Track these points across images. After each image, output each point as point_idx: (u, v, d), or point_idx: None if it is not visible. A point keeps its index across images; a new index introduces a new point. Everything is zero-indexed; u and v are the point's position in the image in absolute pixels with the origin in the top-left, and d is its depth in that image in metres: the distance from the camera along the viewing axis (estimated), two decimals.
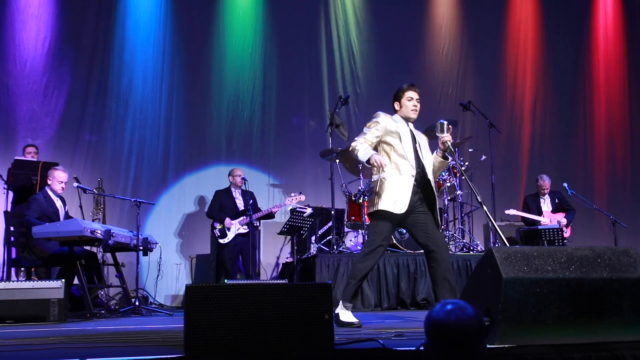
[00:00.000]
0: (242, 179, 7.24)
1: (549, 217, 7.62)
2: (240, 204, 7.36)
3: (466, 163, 7.49)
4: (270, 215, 7.35)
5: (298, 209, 7.03)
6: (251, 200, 7.25)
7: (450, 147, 4.06)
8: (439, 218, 4.13)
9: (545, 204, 7.79)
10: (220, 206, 7.34)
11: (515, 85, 9.80)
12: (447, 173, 6.96)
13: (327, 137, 7.10)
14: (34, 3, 8.09)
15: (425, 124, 7.67)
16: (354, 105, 9.04)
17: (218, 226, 7.21)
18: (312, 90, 9.02)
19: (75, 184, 6.24)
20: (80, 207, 6.70)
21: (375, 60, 9.30)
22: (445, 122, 4.10)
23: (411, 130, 4.17)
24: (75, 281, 5.60)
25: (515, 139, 9.65)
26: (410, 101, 4.17)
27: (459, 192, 7.22)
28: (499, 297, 2.64)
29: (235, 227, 7.16)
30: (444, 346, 1.69)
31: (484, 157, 7.56)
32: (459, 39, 9.67)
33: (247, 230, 7.11)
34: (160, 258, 7.63)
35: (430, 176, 4.11)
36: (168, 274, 8.04)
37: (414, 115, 4.19)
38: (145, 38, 8.50)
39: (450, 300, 1.79)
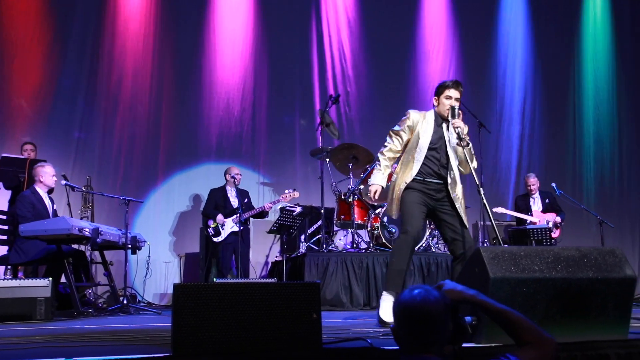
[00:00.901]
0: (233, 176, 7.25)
1: (538, 217, 7.67)
2: (235, 202, 7.35)
3: None
4: (263, 214, 7.32)
5: (288, 208, 7.03)
6: (246, 199, 7.22)
7: (461, 133, 3.90)
8: (464, 217, 4.03)
9: (535, 204, 7.85)
10: (216, 205, 7.32)
11: (504, 85, 9.85)
12: None
13: (317, 136, 7.11)
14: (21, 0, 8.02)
15: None
16: (345, 104, 9.05)
17: (212, 224, 7.19)
18: (303, 89, 9.01)
19: (63, 182, 6.21)
20: (69, 205, 6.66)
21: (366, 59, 9.32)
22: (457, 106, 4.01)
23: (442, 131, 4.08)
24: (63, 279, 5.56)
25: (505, 139, 9.70)
26: (449, 100, 4.04)
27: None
28: (486, 296, 2.65)
29: (229, 225, 7.14)
30: (410, 324, 1.83)
31: None
32: (449, 39, 9.71)
33: (241, 228, 7.10)
34: (149, 256, 7.61)
35: (455, 176, 4.05)
36: (157, 273, 8.00)
37: (447, 115, 4.05)
38: (135, 36, 8.46)
39: (418, 285, 1.92)
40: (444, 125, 4.09)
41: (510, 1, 10.03)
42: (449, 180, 4.03)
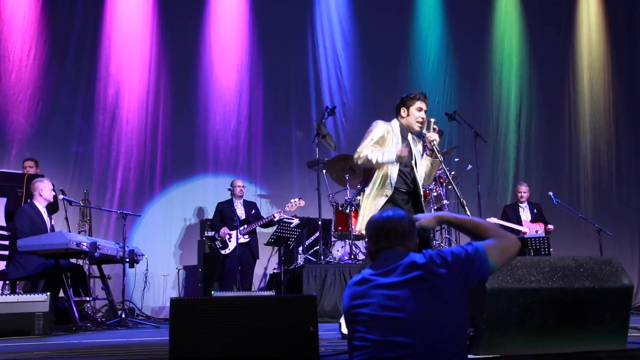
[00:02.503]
0: (230, 189, 7.24)
1: (527, 227, 7.70)
2: (241, 214, 7.34)
3: (452, 172, 7.53)
4: (272, 222, 7.29)
5: (285, 219, 7.03)
6: (253, 210, 7.21)
7: (436, 146, 3.94)
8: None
9: (525, 213, 7.88)
10: (222, 217, 7.32)
11: (500, 94, 9.89)
12: (433, 183, 6.99)
13: (314, 148, 7.12)
14: (19, 14, 8.05)
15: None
16: (341, 116, 9.08)
17: (218, 237, 7.19)
18: (299, 101, 9.04)
19: (61, 196, 6.22)
20: (66, 219, 6.66)
21: (362, 71, 9.36)
22: (433, 120, 3.99)
23: (410, 144, 4.05)
24: (61, 294, 5.55)
25: (501, 148, 9.72)
26: (420, 112, 4.02)
27: (445, 201, 7.26)
28: (483, 307, 2.66)
29: (236, 237, 7.12)
30: (378, 235, 2.06)
31: (470, 166, 7.61)
32: (444, 49, 9.76)
33: (248, 239, 7.09)
34: (147, 270, 7.60)
35: (420, 190, 4.04)
36: (155, 286, 7.98)
37: (417, 128, 4.04)
38: (132, 50, 8.49)
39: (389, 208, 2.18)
40: (410, 137, 4.07)
41: (504, 10, 10.09)
42: (415, 192, 4.02)
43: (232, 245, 7.11)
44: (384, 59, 9.43)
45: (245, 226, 7.12)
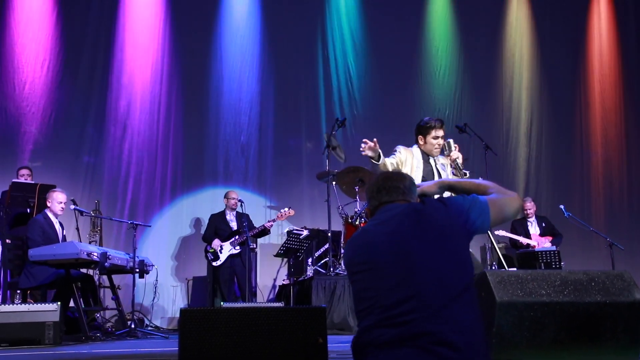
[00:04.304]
0: (238, 201, 7.24)
1: (537, 240, 7.66)
2: (234, 226, 7.37)
3: None
4: (264, 232, 7.31)
5: (295, 231, 7.04)
6: (245, 222, 7.25)
7: (460, 164, 4.12)
8: None
9: (533, 227, 7.86)
10: (215, 229, 7.35)
11: (510, 107, 9.86)
12: None
13: (324, 159, 7.13)
14: (33, 27, 8.17)
15: None
16: (351, 128, 9.08)
17: (210, 249, 7.22)
18: (309, 113, 9.07)
19: (72, 206, 6.26)
20: (77, 229, 6.69)
21: (372, 82, 9.38)
22: (452, 140, 4.19)
23: (432, 165, 4.24)
24: (71, 304, 5.57)
25: (511, 161, 9.68)
26: (436, 140, 4.23)
27: None
28: (493, 320, 2.64)
29: (227, 249, 7.15)
30: (379, 194, 2.11)
31: (480, 179, 7.58)
32: (455, 61, 9.76)
33: (239, 250, 7.10)
34: (157, 280, 7.61)
35: None
36: (164, 296, 8.00)
37: (436, 154, 4.26)
38: (144, 61, 8.57)
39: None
40: (432, 160, 4.25)
41: (515, 23, 10.09)
42: None
43: (223, 257, 7.13)
44: (394, 71, 9.45)
45: (237, 237, 7.14)
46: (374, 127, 9.10)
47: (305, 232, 7.00)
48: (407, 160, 4.20)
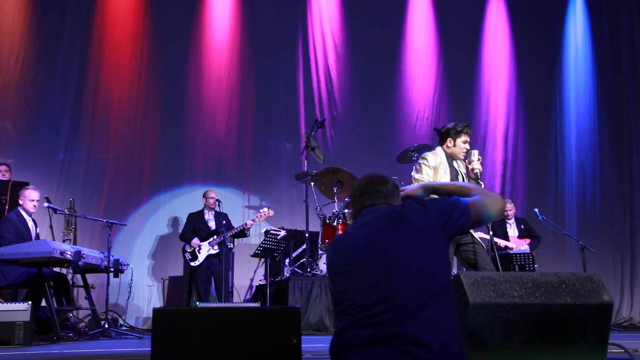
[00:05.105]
0: (216, 200, 7.21)
1: (514, 242, 7.75)
2: (212, 225, 7.34)
3: None
4: (242, 233, 7.30)
5: (272, 231, 7.02)
6: (224, 222, 7.23)
7: (479, 175, 4.22)
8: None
9: (512, 229, 7.94)
10: (194, 229, 7.31)
11: (488, 111, 9.96)
12: None
13: (302, 160, 7.14)
14: (7, 20, 8.03)
15: (400, 149, 7.79)
16: (330, 129, 9.11)
17: (188, 249, 7.18)
18: (289, 113, 9.06)
19: (46, 204, 6.17)
20: (51, 227, 6.60)
21: (352, 84, 9.41)
22: (477, 152, 4.34)
23: (456, 169, 4.34)
24: (44, 303, 5.49)
25: (488, 165, 9.78)
26: (465, 144, 4.35)
27: None
28: (466, 321, 2.67)
29: (206, 249, 7.12)
30: (362, 197, 2.13)
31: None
32: (434, 64, 9.83)
33: (218, 250, 7.07)
34: (132, 280, 7.54)
35: None
36: (139, 296, 7.93)
37: (462, 157, 4.37)
38: (122, 58, 8.48)
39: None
40: (455, 163, 4.36)
41: (493, 29, 10.20)
42: None
43: (201, 257, 7.10)
44: (374, 73, 9.49)
45: (215, 237, 7.11)
46: (353, 128, 9.16)
47: (282, 233, 7.00)
48: (439, 165, 4.26)
